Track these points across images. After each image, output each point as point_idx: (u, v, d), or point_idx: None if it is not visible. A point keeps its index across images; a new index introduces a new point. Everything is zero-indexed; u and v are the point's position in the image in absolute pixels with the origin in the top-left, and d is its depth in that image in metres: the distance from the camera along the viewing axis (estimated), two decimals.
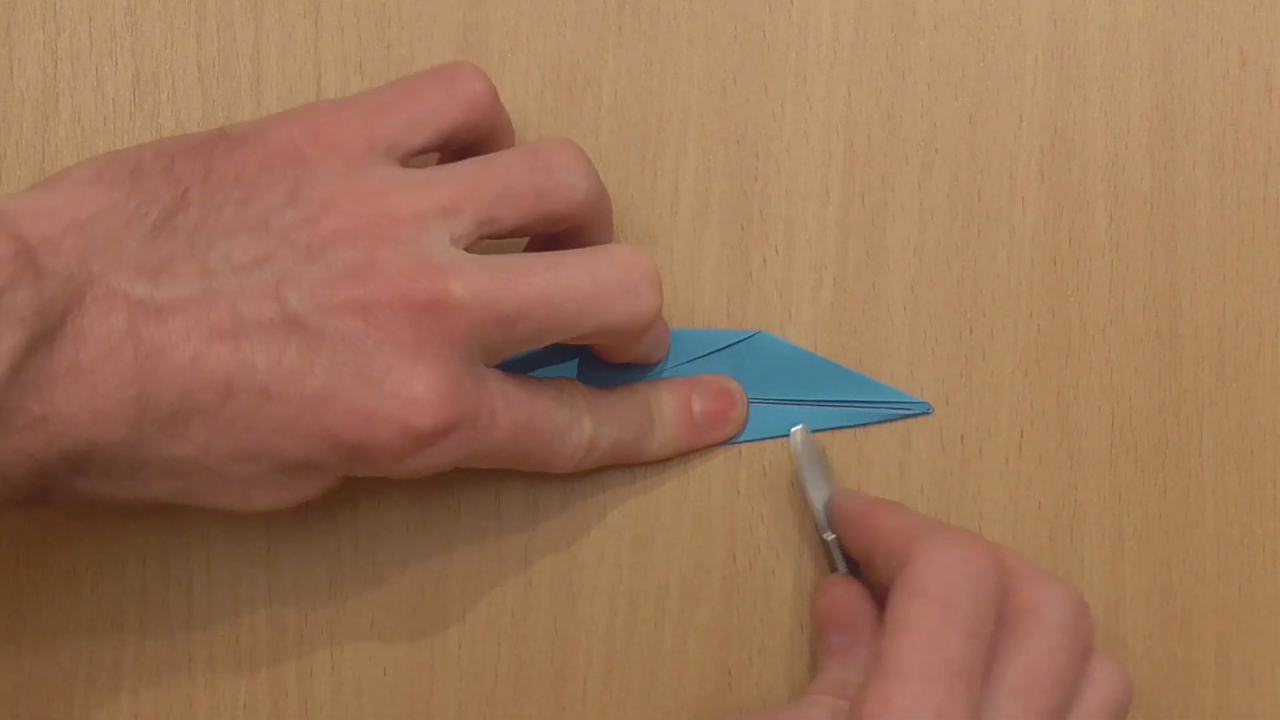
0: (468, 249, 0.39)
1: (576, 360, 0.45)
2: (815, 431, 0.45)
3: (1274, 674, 0.45)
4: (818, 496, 0.44)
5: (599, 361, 0.44)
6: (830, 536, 0.44)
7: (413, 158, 0.41)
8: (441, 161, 0.43)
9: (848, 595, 0.43)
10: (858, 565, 0.44)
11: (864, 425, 0.45)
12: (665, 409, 0.44)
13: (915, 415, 0.45)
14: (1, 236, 0.35)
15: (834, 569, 0.44)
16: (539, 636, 0.45)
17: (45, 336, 0.35)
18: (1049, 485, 0.45)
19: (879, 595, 0.42)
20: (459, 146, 0.42)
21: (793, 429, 0.44)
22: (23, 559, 0.45)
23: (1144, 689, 0.45)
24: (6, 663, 0.45)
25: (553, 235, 0.42)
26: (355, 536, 0.45)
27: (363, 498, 0.45)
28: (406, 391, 0.37)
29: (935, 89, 0.46)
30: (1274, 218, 0.46)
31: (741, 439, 0.45)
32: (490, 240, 0.40)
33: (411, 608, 0.45)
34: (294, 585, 0.45)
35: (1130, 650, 0.45)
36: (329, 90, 0.45)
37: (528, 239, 0.44)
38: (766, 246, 0.46)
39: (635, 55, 0.46)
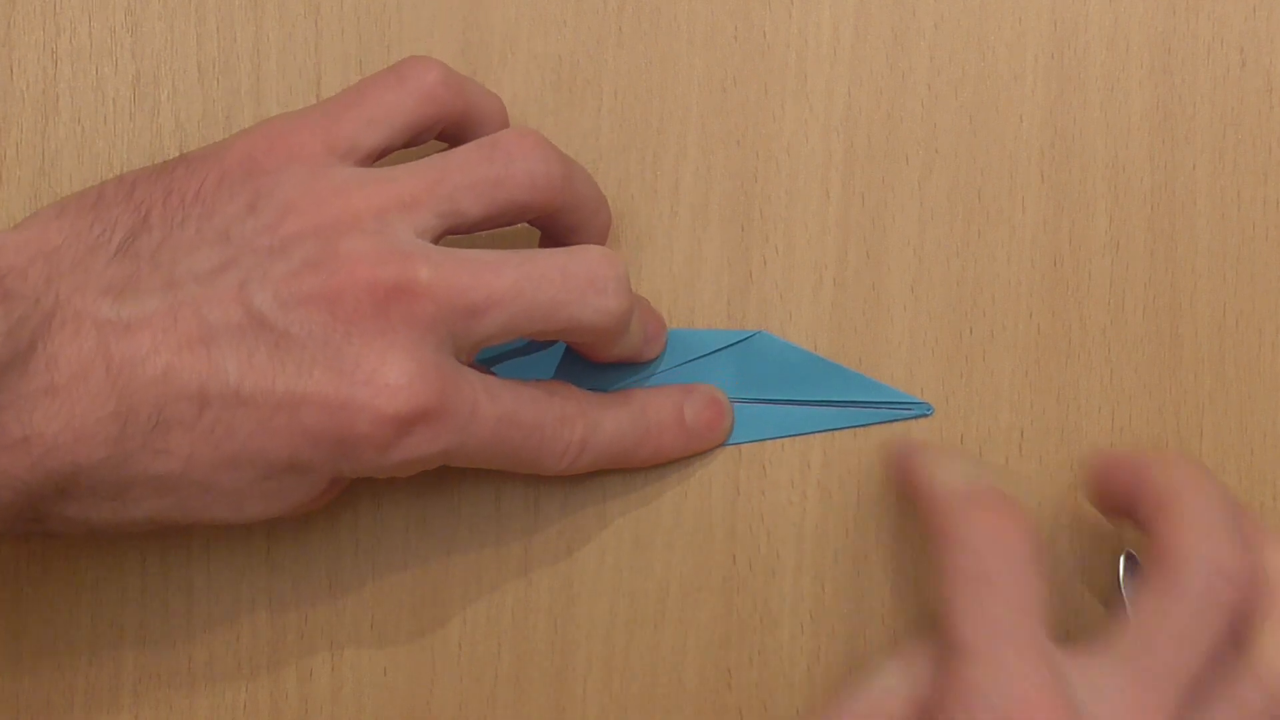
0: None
1: (558, 362, 0.45)
2: (815, 432, 0.45)
3: None
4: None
5: (593, 364, 0.44)
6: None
7: (376, 159, 0.41)
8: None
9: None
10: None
11: (864, 425, 0.45)
12: (658, 415, 0.44)
13: (915, 416, 0.45)
14: None
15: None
16: (539, 637, 0.45)
17: (17, 359, 0.35)
18: (1049, 485, 0.45)
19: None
20: (443, 137, 0.42)
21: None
22: (23, 561, 0.45)
23: None
24: (7, 665, 0.45)
25: (549, 232, 0.42)
26: (355, 537, 0.45)
27: (363, 499, 0.45)
28: (379, 379, 0.37)
29: (935, 89, 0.46)
30: (1274, 218, 0.46)
31: (742, 439, 0.45)
32: (461, 236, 0.40)
33: (411, 608, 0.45)
34: (294, 586, 0.45)
35: None
36: (329, 90, 0.45)
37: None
38: (767, 246, 0.46)
39: (635, 55, 0.46)
